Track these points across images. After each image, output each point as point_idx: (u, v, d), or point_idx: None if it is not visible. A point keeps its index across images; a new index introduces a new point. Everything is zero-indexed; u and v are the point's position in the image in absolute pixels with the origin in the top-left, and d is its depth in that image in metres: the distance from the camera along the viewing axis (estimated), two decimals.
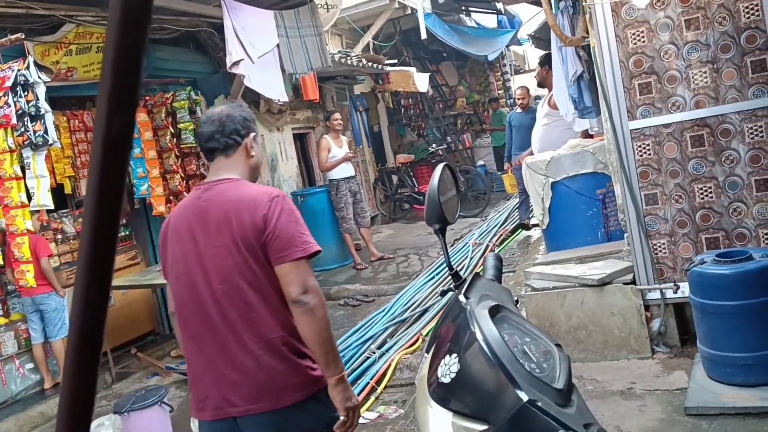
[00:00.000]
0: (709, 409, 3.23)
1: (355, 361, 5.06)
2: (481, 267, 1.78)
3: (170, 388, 5.09)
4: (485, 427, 1.19)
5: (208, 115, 2.20)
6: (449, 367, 1.30)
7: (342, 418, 1.94)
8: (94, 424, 3.97)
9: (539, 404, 1.13)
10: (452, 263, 7.23)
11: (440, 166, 1.72)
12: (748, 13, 3.69)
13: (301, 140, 10.45)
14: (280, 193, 2.10)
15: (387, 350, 5.24)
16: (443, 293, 1.74)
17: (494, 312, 1.36)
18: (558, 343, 1.34)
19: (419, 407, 1.41)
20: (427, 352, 1.49)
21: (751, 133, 3.76)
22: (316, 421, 2.01)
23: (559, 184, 4.96)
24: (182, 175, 6.74)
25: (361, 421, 4.22)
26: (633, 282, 4.09)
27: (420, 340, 5.26)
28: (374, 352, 5.17)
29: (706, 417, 3.22)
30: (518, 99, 8.30)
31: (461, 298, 1.45)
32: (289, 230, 1.97)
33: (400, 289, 6.83)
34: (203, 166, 6.98)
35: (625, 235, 4.25)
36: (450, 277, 1.63)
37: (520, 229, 8.87)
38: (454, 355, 1.31)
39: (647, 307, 4.07)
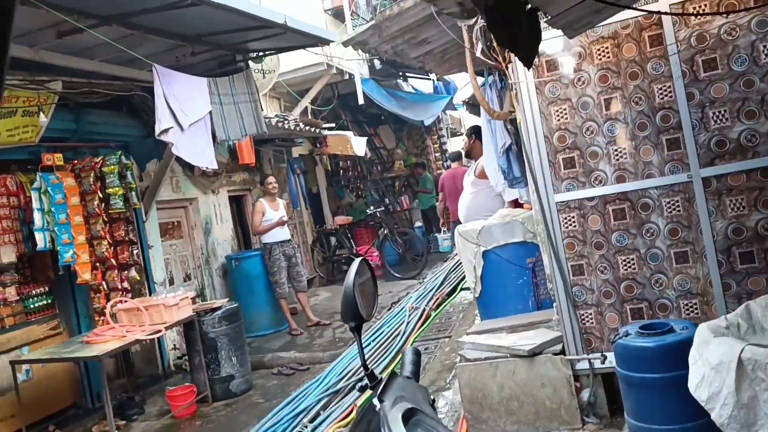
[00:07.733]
0: None
1: None
2: (398, 361, 1.74)
3: None
4: None
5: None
6: None
7: None
8: None
9: None
10: (389, 329, 7.01)
11: (356, 261, 1.67)
12: (661, 94, 3.90)
13: (237, 202, 10.34)
14: None
15: (320, 423, 5.10)
16: (362, 389, 1.69)
17: (409, 415, 1.33)
18: None
19: None
20: None
21: (669, 208, 3.92)
22: None
23: (490, 252, 5.02)
24: (110, 241, 6.53)
25: None
26: (562, 352, 4.13)
27: (354, 412, 5.15)
28: (306, 426, 5.03)
29: None
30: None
31: (375, 401, 1.42)
32: None
33: (336, 356, 6.71)
34: (132, 232, 6.79)
35: (554, 304, 4.31)
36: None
37: (457, 291, 8.92)
38: None
39: (576, 378, 4.10)
